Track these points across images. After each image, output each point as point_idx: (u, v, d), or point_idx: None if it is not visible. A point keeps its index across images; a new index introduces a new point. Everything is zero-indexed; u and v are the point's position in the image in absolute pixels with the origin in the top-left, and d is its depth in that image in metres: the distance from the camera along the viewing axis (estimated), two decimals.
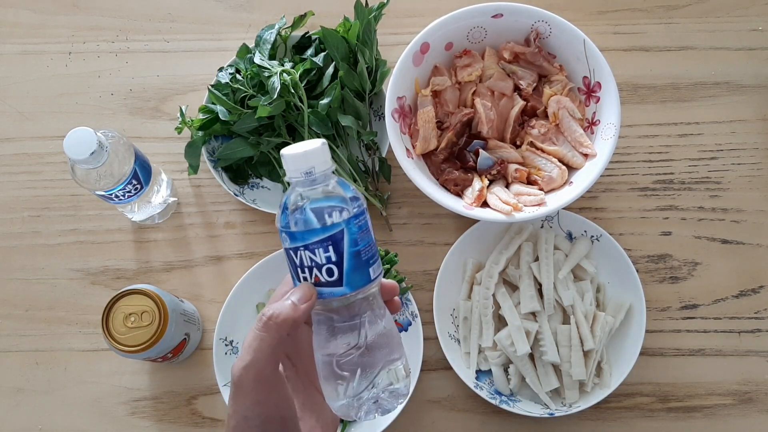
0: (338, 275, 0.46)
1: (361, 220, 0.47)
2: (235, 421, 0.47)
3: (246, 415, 0.46)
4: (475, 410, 0.82)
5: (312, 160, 0.46)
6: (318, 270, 0.46)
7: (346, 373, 0.47)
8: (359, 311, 0.48)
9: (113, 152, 0.73)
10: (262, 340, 0.46)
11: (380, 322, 0.48)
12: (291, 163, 0.46)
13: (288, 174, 0.47)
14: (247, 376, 0.45)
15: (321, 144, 0.46)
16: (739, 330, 0.84)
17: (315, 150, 0.46)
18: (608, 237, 0.81)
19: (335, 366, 0.47)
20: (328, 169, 0.47)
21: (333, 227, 0.45)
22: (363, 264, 0.47)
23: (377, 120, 0.87)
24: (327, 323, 0.48)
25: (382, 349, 0.48)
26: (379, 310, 0.49)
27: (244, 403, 0.46)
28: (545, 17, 0.80)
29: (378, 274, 0.48)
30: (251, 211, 0.86)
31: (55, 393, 0.82)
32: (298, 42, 0.87)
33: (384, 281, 0.50)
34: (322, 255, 0.46)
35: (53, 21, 0.94)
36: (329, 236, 0.45)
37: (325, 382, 0.48)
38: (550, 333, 0.78)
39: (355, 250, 0.46)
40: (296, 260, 0.47)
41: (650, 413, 0.81)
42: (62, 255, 0.86)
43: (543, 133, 0.81)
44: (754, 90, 0.91)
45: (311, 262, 0.46)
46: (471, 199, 0.78)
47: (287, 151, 0.46)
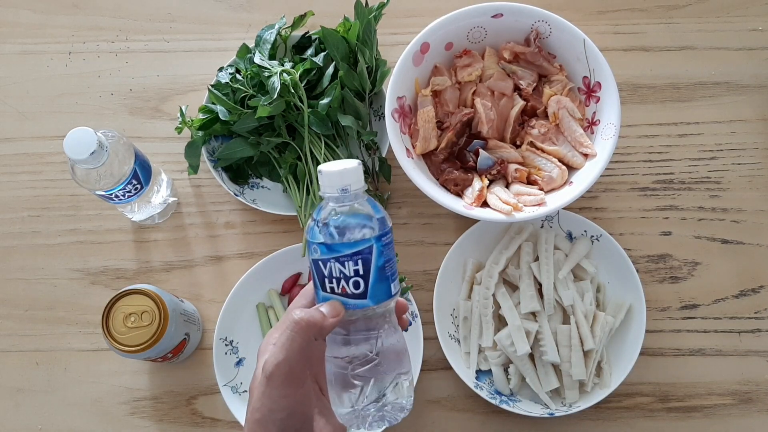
0: (364, 288, 0.49)
1: (387, 237, 0.50)
2: (260, 414, 0.49)
3: (273, 408, 0.48)
4: (475, 410, 0.82)
5: (348, 179, 0.49)
6: (345, 282, 0.49)
7: (357, 384, 0.49)
8: (375, 325, 0.50)
9: (113, 152, 0.73)
10: (293, 340, 0.49)
11: (393, 336, 0.51)
12: (328, 179, 0.49)
13: (323, 189, 0.50)
14: (280, 372, 0.48)
15: (357, 164, 0.50)
16: (739, 330, 0.84)
17: (351, 169, 0.49)
18: (608, 237, 0.81)
19: (347, 376, 0.50)
20: (361, 188, 0.50)
21: (363, 242, 0.49)
22: (386, 279, 0.50)
23: (377, 120, 0.87)
24: (343, 334, 0.51)
25: (392, 362, 0.50)
26: (393, 325, 0.51)
27: (272, 396, 0.48)
28: (545, 17, 0.80)
29: (397, 291, 0.51)
30: (251, 211, 0.86)
31: (55, 393, 0.82)
32: (298, 42, 0.87)
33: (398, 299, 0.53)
34: (351, 268, 0.49)
35: (53, 21, 0.94)
36: (359, 250, 0.48)
37: (334, 391, 0.50)
38: (550, 333, 0.78)
39: (381, 266, 0.49)
40: (324, 271, 0.49)
41: (650, 413, 0.81)
42: (62, 255, 0.86)
43: (543, 133, 0.81)
44: (754, 90, 0.91)
45: (340, 274, 0.49)
46: (471, 199, 0.78)
47: (325, 167, 0.50)
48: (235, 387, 0.80)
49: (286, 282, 0.84)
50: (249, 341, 0.82)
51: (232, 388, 0.80)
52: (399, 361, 0.51)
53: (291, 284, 0.84)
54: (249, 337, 0.82)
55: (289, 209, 0.83)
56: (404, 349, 0.52)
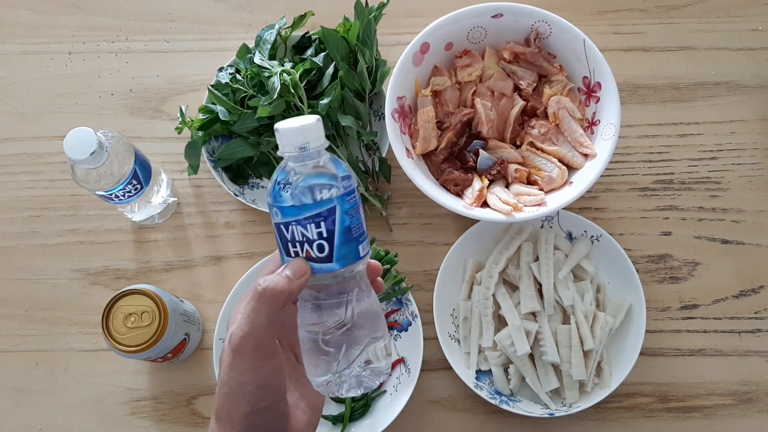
0: (329, 251, 0.46)
1: (352, 197, 0.47)
2: (228, 388, 0.47)
3: (241, 381, 0.47)
4: (475, 410, 0.82)
5: (307, 135, 0.46)
6: (309, 245, 0.46)
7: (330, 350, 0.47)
8: (346, 289, 0.48)
9: (113, 152, 0.73)
10: (258, 310, 0.46)
11: (366, 300, 0.48)
12: (285, 137, 0.46)
13: (281, 148, 0.46)
14: (246, 344, 0.46)
15: (316, 120, 0.46)
16: (739, 330, 0.84)
17: (310, 125, 0.46)
18: (608, 237, 0.81)
19: (320, 342, 0.47)
20: (321, 145, 0.47)
21: (325, 203, 0.46)
22: (353, 241, 0.47)
23: (377, 120, 0.87)
24: (313, 300, 0.48)
25: (366, 327, 0.48)
26: (365, 289, 0.49)
27: (240, 369, 0.46)
28: (545, 17, 0.80)
29: (366, 252, 0.48)
30: (251, 211, 0.86)
31: (55, 393, 0.83)
32: (298, 42, 0.87)
33: (370, 261, 0.50)
34: (314, 230, 0.46)
35: (53, 21, 0.94)
36: (321, 212, 0.46)
37: (308, 358, 0.48)
38: (550, 333, 0.78)
39: (346, 227, 0.46)
40: (287, 235, 0.47)
41: (650, 413, 0.81)
42: (62, 255, 0.86)
43: (543, 133, 0.81)
44: (754, 90, 0.91)
45: (302, 237, 0.46)
46: (471, 199, 0.78)
47: (282, 125, 0.46)
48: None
49: None
50: None
51: None
52: (373, 324, 0.48)
53: None
54: None
55: None
56: (378, 312, 0.49)
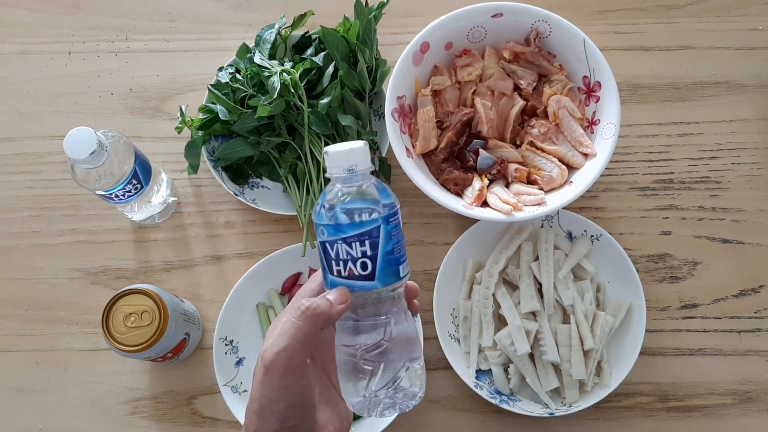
0: (371, 269, 0.48)
1: (395, 219, 0.50)
2: (258, 404, 0.48)
3: (271, 399, 0.47)
4: (475, 410, 0.82)
5: (354, 159, 0.49)
6: (353, 263, 0.48)
7: (367, 370, 0.49)
8: (384, 310, 0.50)
9: (113, 152, 0.73)
10: (298, 328, 0.47)
11: (403, 322, 0.50)
12: (334, 160, 0.49)
13: (330, 170, 0.49)
14: (279, 361, 0.47)
15: (363, 144, 0.49)
16: (739, 330, 0.84)
17: (358, 149, 0.49)
18: (608, 237, 0.81)
19: (356, 363, 0.49)
20: (368, 168, 0.50)
21: (371, 222, 0.48)
22: (394, 261, 0.49)
23: (377, 120, 0.87)
24: (352, 320, 0.50)
25: (403, 348, 0.50)
26: (402, 311, 0.51)
27: (271, 386, 0.47)
28: (545, 17, 0.80)
29: (406, 274, 0.50)
30: (251, 210, 0.86)
31: (55, 393, 0.82)
32: (298, 42, 0.87)
33: (408, 283, 0.52)
34: (359, 249, 0.48)
35: (53, 21, 0.94)
36: (367, 231, 0.48)
37: (345, 378, 0.50)
38: (550, 333, 0.78)
39: (389, 247, 0.49)
40: (331, 253, 0.49)
41: (650, 413, 0.81)
42: (62, 255, 0.86)
43: (543, 132, 0.81)
44: (754, 90, 0.91)
45: (347, 255, 0.48)
46: (471, 199, 0.78)
47: (331, 148, 0.49)
48: (235, 387, 0.80)
49: (286, 282, 0.84)
50: (249, 341, 0.82)
51: (232, 387, 0.80)
52: (410, 347, 0.50)
53: (291, 284, 0.84)
54: (249, 336, 0.82)
55: (289, 209, 0.83)
56: (415, 334, 0.51)
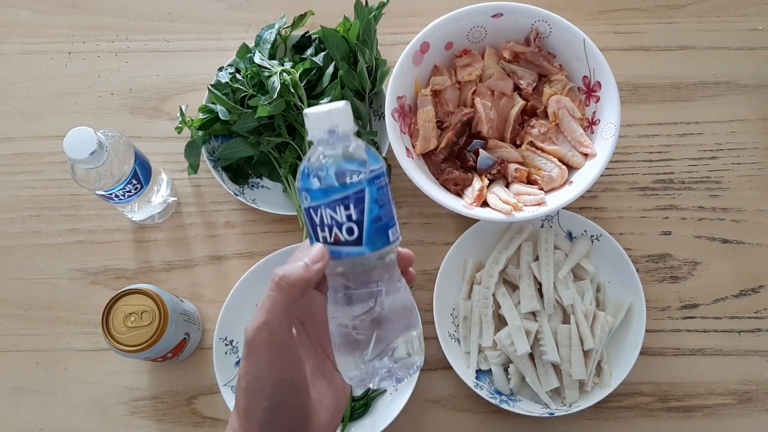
0: (358, 234, 0.46)
1: (381, 181, 0.47)
2: (245, 382, 0.46)
3: (258, 376, 0.46)
4: (475, 410, 0.82)
5: (335, 119, 0.46)
6: (338, 228, 0.46)
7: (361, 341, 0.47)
8: (377, 277, 0.47)
9: (113, 152, 0.73)
10: (275, 300, 0.46)
11: (397, 290, 0.48)
12: (314, 121, 0.46)
13: (310, 133, 0.47)
14: (261, 337, 0.45)
15: (344, 104, 0.47)
16: (739, 330, 0.84)
17: (338, 109, 0.46)
18: (608, 237, 0.81)
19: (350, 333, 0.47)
20: (350, 129, 0.47)
21: (354, 185, 0.46)
22: (383, 225, 0.47)
23: (377, 120, 0.87)
24: (343, 290, 0.48)
25: (398, 317, 0.48)
26: (396, 278, 0.48)
27: (256, 363, 0.45)
28: (545, 17, 0.80)
29: (396, 238, 0.48)
30: (251, 210, 0.86)
31: (55, 393, 0.82)
32: (298, 42, 0.87)
33: (401, 250, 0.50)
34: (343, 213, 0.46)
35: (53, 21, 0.94)
36: (350, 194, 0.46)
37: (339, 350, 0.48)
38: (550, 333, 0.78)
39: (376, 210, 0.46)
40: (315, 219, 0.47)
41: (650, 413, 0.81)
42: (62, 255, 0.86)
43: (543, 132, 0.81)
44: (754, 90, 0.91)
45: (331, 221, 0.46)
46: (471, 199, 0.78)
47: (311, 110, 0.47)
48: (235, 387, 0.80)
49: None
50: None
51: (232, 387, 0.80)
52: (405, 315, 0.48)
53: None
54: None
55: (289, 209, 0.83)
56: (410, 303, 0.49)
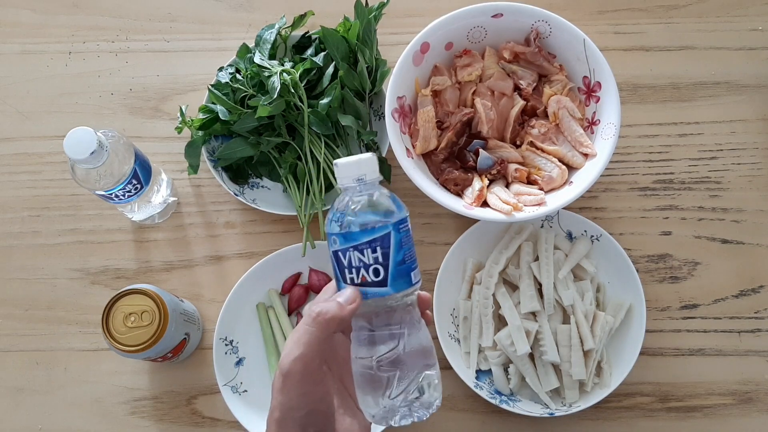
0: (384, 275, 0.50)
1: (405, 226, 0.51)
2: (280, 413, 0.48)
3: (291, 406, 0.48)
4: (475, 410, 0.82)
5: (363, 169, 0.51)
6: (365, 270, 0.50)
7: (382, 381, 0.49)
8: (398, 320, 0.51)
9: (113, 152, 0.73)
10: (311, 334, 0.48)
11: (417, 331, 0.51)
12: (344, 170, 0.51)
13: (340, 181, 0.51)
14: (296, 368, 0.48)
15: (371, 155, 0.51)
16: (739, 330, 0.84)
17: (366, 159, 0.51)
18: (608, 237, 0.81)
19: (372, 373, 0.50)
20: (376, 178, 0.52)
21: (381, 229, 0.50)
22: (406, 267, 0.51)
23: (377, 120, 0.87)
24: (367, 330, 0.51)
25: (418, 357, 0.51)
26: (416, 320, 0.52)
27: (290, 394, 0.48)
28: (545, 17, 0.80)
29: (418, 280, 0.52)
30: (251, 210, 0.86)
31: (55, 393, 0.82)
32: (298, 42, 0.87)
33: (420, 293, 0.53)
34: (370, 255, 0.49)
35: (53, 21, 0.94)
36: (378, 237, 0.49)
37: (362, 390, 0.51)
38: (550, 333, 0.78)
39: (400, 253, 0.50)
40: (344, 261, 0.50)
41: (650, 413, 0.81)
42: (62, 255, 0.86)
43: (543, 132, 0.81)
44: (754, 90, 0.91)
45: (359, 263, 0.50)
46: (471, 199, 0.78)
47: (341, 160, 0.51)
48: (235, 387, 0.80)
49: (286, 282, 0.84)
50: (249, 341, 0.82)
51: (232, 387, 0.80)
52: (425, 355, 0.51)
53: (291, 284, 0.84)
54: (249, 336, 0.82)
55: (289, 209, 0.83)
56: (429, 343, 0.52)
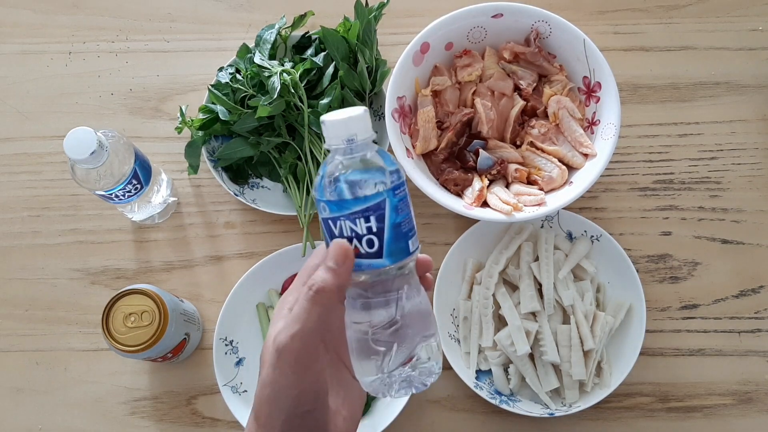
0: (378, 246, 0.45)
1: (401, 191, 0.46)
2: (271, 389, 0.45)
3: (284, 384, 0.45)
4: (475, 410, 0.82)
5: (354, 127, 0.45)
6: (358, 241, 0.45)
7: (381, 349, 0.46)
8: (395, 286, 0.46)
9: (113, 152, 0.73)
10: (310, 311, 0.45)
11: (415, 297, 0.47)
12: (332, 129, 0.45)
13: (328, 141, 0.45)
14: (293, 345, 0.44)
15: (363, 111, 0.45)
16: (739, 330, 0.84)
17: (357, 116, 0.45)
18: (608, 237, 0.81)
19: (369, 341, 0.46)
20: (369, 137, 0.46)
21: (375, 197, 0.44)
22: (403, 236, 0.46)
23: (377, 120, 0.87)
24: (361, 298, 0.47)
25: (417, 324, 0.47)
26: (414, 286, 0.48)
27: (284, 371, 0.45)
28: (545, 17, 0.80)
29: (416, 248, 0.47)
30: (251, 211, 0.86)
31: (55, 393, 0.82)
32: (298, 42, 0.87)
33: (420, 256, 0.49)
34: (363, 225, 0.44)
35: (53, 21, 0.94)
36: (371, 206, 0.44)
37: (358, 359, 0.47)
38: (550, 333, 0.78)
39: (396, 221, 0.45)
40: (335, 231, 0.45)
41: (650, 413, 0.81)
42: (62, 255, 0.86)
43: (543, 133, 0.81)
44: (754, 90, 0.91)
45: (351, 233, 0.45)
46: (471, 199, 0.78)
47: (328, 117, 0.45)
48: (235, 387, 0.80)
49: (286, 282, 0.84)
50: (249, 341, 0.82)
51: (232, 388, 0.80)
52: (424, 322, 0.47)
53: (291, 284, 0.84)
54: (249, 337, 0.82)
55: (289, 209, 0.83)
56: (428, 310, 0.48)
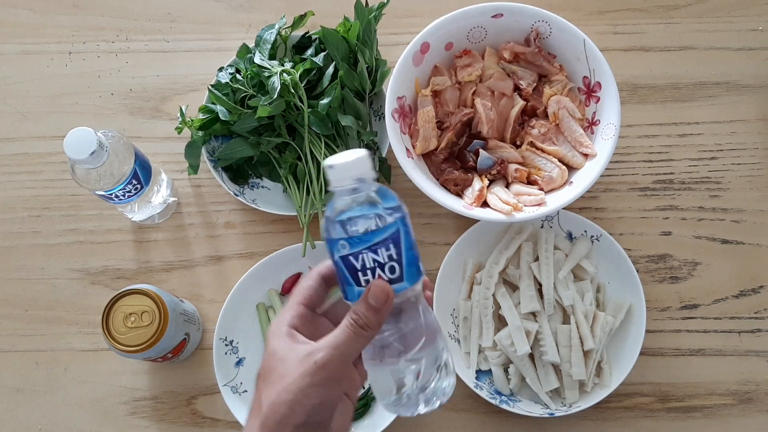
0: (399, 271, 0.48)
1: (407, 219, 0.49)
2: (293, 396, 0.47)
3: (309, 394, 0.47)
4: (475, 410, 0.82)
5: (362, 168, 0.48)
6: (381, 269, 0.48)
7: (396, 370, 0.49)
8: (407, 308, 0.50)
9: (113, 152, 0.73)
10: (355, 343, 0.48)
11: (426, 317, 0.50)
12: (342, 172, 0.48)
13: (336, 183, 0.48)
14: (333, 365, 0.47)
15: (365, 152, 0.48)
16: (739, 330, 0.84)
17: (363, 158, 0.48)
18: (608, 237, 0.81)
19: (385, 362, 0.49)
20: (374, 175, 0.49)
21: (391, 226, 0.48)
22: (415, 258, 0.49)
23: (377, 120, 0.87)
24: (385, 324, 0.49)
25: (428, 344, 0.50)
26: (424, 306, 0.51)
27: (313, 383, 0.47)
28: (545, 17, 0.80)
29: (423, 269, 0.50)
30: (251, 211, 0.86)
31: (55, 393, 0.82)
32: (298, 42, 0.87)
33: None
34: (384, 254, 0.47)
35: (53, 21, 0.94)
36: (389, 235, 0.47)
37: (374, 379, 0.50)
38: (550, 333, 0.78)
39: (409, 245, 0.49)
40: (356, 265, 0.48)
41: (650, 413, 0.81)
42: (62, 255, 0.86)
43: (543, 133, 0.81)
44: (754, 90, 0.91)
45: (374, 263, 0.48)
46: (471, 199, 0.78)
47: (336, 160, 0.48)
48: (235, 387, 0.80)
49: (286, 282, 0.84)
50: (249, 341, 0.82)
51: (232, 388, 0.80)
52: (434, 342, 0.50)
53: (291, 284, 0.84)
54: (249, 337, 0.82)
55: (289, 209, 0.83)
56: (438, 329, 0.51)
